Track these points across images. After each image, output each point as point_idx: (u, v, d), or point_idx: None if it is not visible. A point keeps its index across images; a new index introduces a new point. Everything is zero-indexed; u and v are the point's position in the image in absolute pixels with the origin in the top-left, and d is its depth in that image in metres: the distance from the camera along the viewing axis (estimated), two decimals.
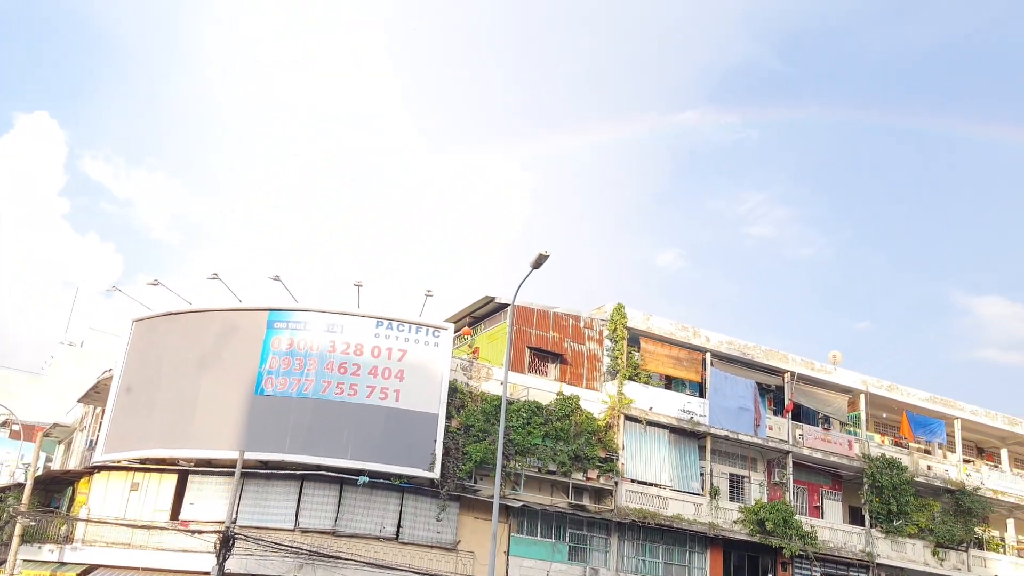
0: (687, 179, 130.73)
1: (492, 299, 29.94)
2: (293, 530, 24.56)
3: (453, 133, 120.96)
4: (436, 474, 25.06)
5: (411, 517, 25.62)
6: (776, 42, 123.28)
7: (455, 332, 27.61)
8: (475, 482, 26.02)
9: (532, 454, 26.84)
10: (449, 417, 25.92)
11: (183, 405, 25.71)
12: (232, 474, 23.28)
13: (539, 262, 22.20)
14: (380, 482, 25.15)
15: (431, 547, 25.47)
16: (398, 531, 25.35)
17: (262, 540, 23.73)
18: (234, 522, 22.57)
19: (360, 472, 24.80)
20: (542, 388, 28.22)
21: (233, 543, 22.08)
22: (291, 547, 23.99)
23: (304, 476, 25.01)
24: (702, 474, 30.43)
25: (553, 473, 27.14)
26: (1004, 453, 40.49)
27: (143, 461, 25.79)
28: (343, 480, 25.05)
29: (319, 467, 24.77)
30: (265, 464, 24.84)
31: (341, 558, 24.26)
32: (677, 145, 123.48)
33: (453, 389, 26.40)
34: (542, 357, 29.59)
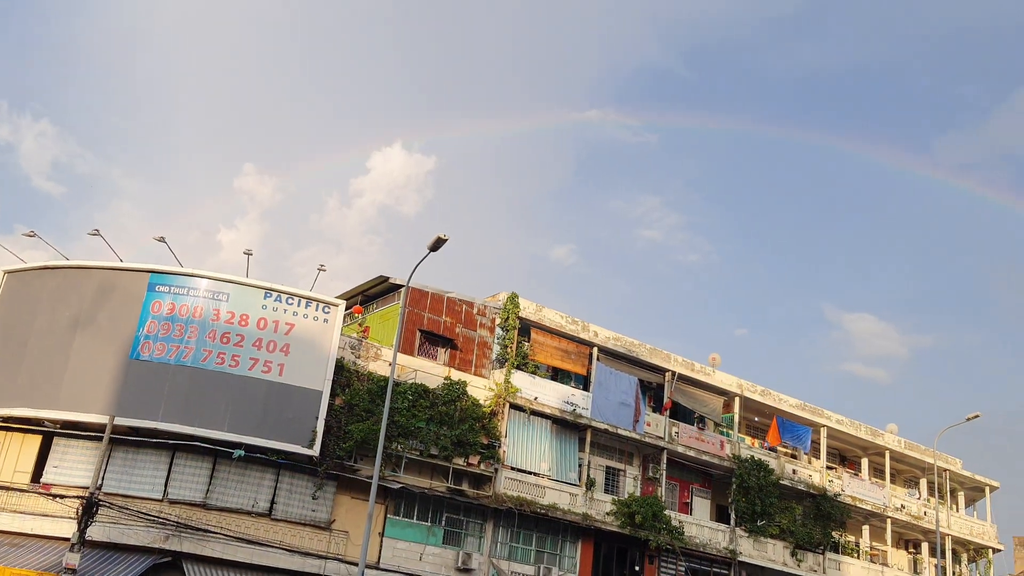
0: (587, 177, 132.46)
1: (386, 279, 29.68)
2: (161, 500, 23.84)
3: (353, 111, 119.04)
4: (316, 452, 24.70)
5: (286, 494, 25.20)
6: (684, 49, 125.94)
7: (346, 309, 27.25)
8: (355, 462, 25.77)
9: (415, 437, 26.75)
10: (333, 395, 25.58)
11: (53, 364, 24.57)
12: (100, 439, 22.38)
13: (437, 245, 22.11)
14: (256, 456, 24.63)
15: (304, 525, 25.13)
16: (271, 507, 24.90)
17: (127, 509, 22.97)
18: (99, 488, 21.71)
19: (236, 445, 24.23)
20: (430, 372, 28.16)
21: (96, 510, 21.26)
22: (158, 517, 23.28)
23: (177, 446, 24.26)
24: (580, 465, 30.97)
25: (435, 457, 27.14)
26: (864, 462, 42.65)
27: (6, 420, 24.54)
28: (218, 452, 24.43)
29: (193, 437, 24.07)
30: (136, 431, 23.96)
31: (210, 531, 23.69)
32: (580, 142, 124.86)
33: (340, 367, 26.06)
34: (433, 341, 29.50)
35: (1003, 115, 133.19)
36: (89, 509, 21.01)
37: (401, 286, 28.53)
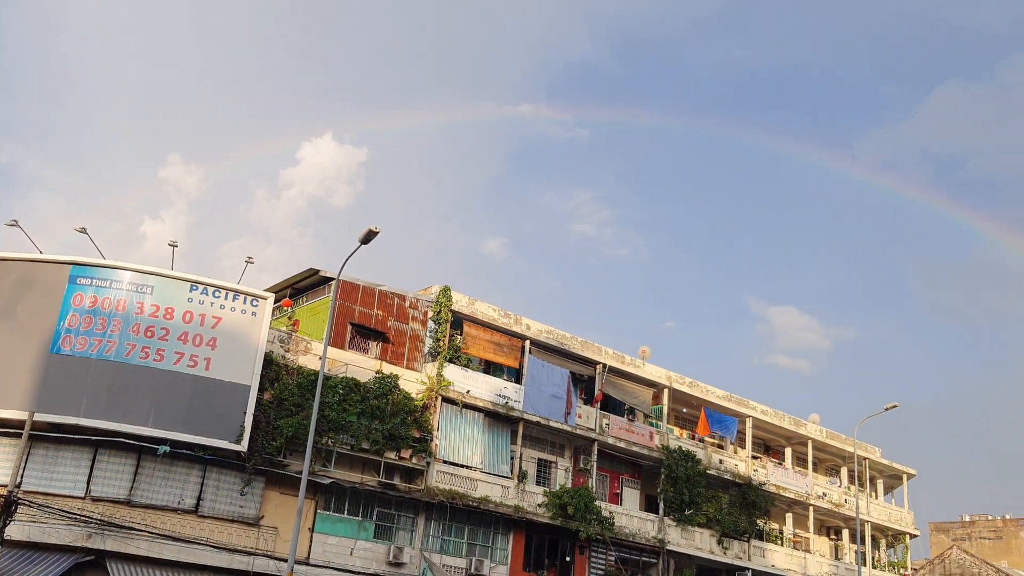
0: (520, 171, 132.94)
1: (316, 272, 29.37)
2: (84, 498, 23.23)
3: (283, 101, 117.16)
4: (244, 447, 24.34)
5: (213, 490, 24.79)
6: (615, 44, 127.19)
7: (275, 303, 26.89)
8: (284, 457, 25.48)
9: (346, 431, 26.57)
10: (262, 389, 25.22)
11: None
12: (19, 435, 21.67)
13: (368, 238, 21.97)
14: (183, 453, 24.17)
15: (233, 521, 24.75)
16: (198, 504, 24.47)
17: (48, 507, 22.33)
18: (18, 487, 21.04)
19: (162, 441, 23.74)
20: (362, 365, 27.98)
21: (16, 509, 20.61)
22: (80, 515, 22.69)
23: (99, 442, 23.65)
24: (512, 458, 31.14)
25: (366, 451, 26.99)
26: (788, 452, 43.78)
27: None
28: (142, 448, 23.90)
29: (117, 434, 23.49)
30: (57, 427, 23.30)
31: (134, 529, 23.18)
32: (512, 136, 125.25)
33: (268, 361, 25.71)
34: (364, 334, 29.31)
35: (922, 115, 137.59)
36: (8, 508, 20.35)
37: (332, 279, 28.25)
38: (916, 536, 48.70)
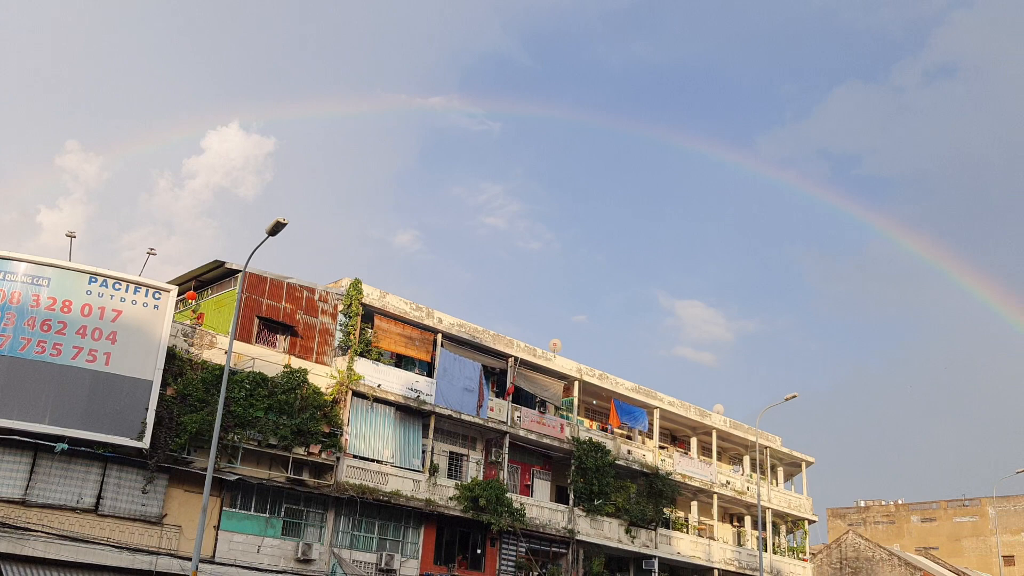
0: (431, 163, 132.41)
1: (222, 264, 28.71)
2: None
3: (186, 88, 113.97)
4: (146, 444, 23.67)
5: (114, 488, 24.04)
6: (526, 38, 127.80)
7: (179, 295, 26.21)
8: (188, 454, 24.88)
9: (253, 427, 26.10)
10: (165, 385, 24.56)
11: None
12: None
13: (276, 229, 21.63)
14: (81, 450, 23.36)
15: (134, 520, 24.07)
16: (98, 503, 23.70)
17: None
18: None
19: (59, 438, 22.90)
20: (269, 360, 27.50)
21: None
22: None
23: None
24: (424, 452, 31.10)
25: (274, 447, 26.56)
26: (694, 441, 44.88)
27: None
28: (38, 446, 23.00)
29: (11, 431, 22.55)
30: None
31: (30, 529, 22.31)
32: (423, 128, 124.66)
33: (172, 355, 25.05)
34: (272, 328, 28.82)
35: (821, 114, 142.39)
36: None
37: (238, 271, 27.65)
38: (814, 522, 50.56)
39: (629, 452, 38.64)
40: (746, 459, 47.70)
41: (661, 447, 41.38)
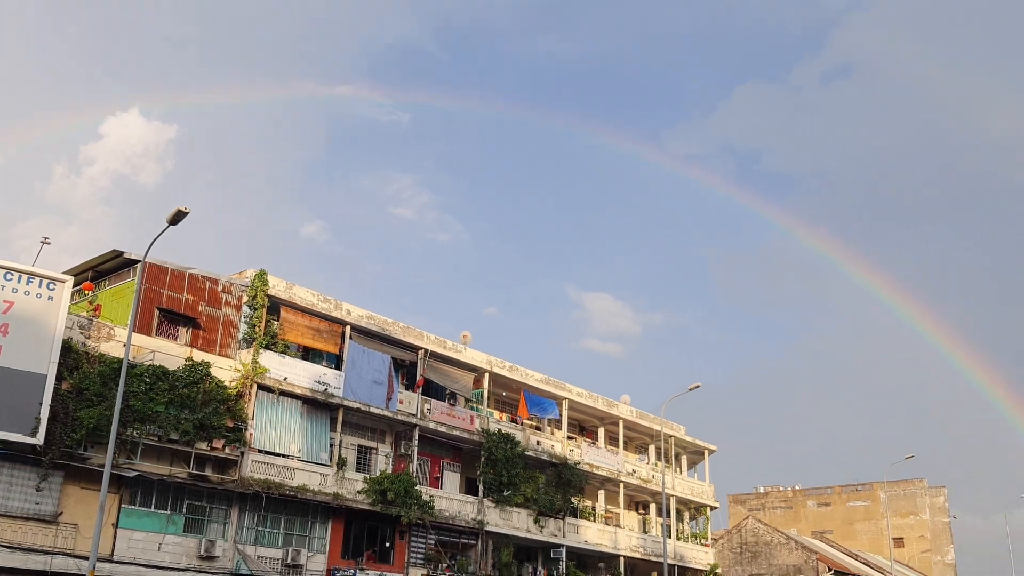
0: (339, 153, 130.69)
1: (120, 253, 27.75)
2: None
3: (82, 72, 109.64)
4: (40, 440, 22.74)
5: (5, 486, 23.04)
6: (437, 28, 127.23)
7: (75, 286, 25.24)
8: (85, 450, 24.00)
9: (153, 422, 25.36)
10: (60, 379, 23.63)
11: None
12: None
13: (177, 218, 21.04)
14: None
15: (27, 519, 23.11)
16: None
17: None
18: None
19: None
20: (170, 352, 26.76)
21: None
22: None
23: None
24: (332, 445, 30.74)
25: (175, 442, 25.86)
26: (601, 432, 45.57)
27: None
28: None
29: None
30: None
31: None
32: (332, 117, 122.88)
33: (67, 348, 24.11)
34: (173, 320, 28.03)
35: (725, 111, 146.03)
36: None
37: (137, 261, 26.74)
38: (716, 508, 52.03)
39: (538, 443, 38.99)
40: (651, 448, 48.70)
41: (570, 437, 41.88)
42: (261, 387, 28.71)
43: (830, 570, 59.87)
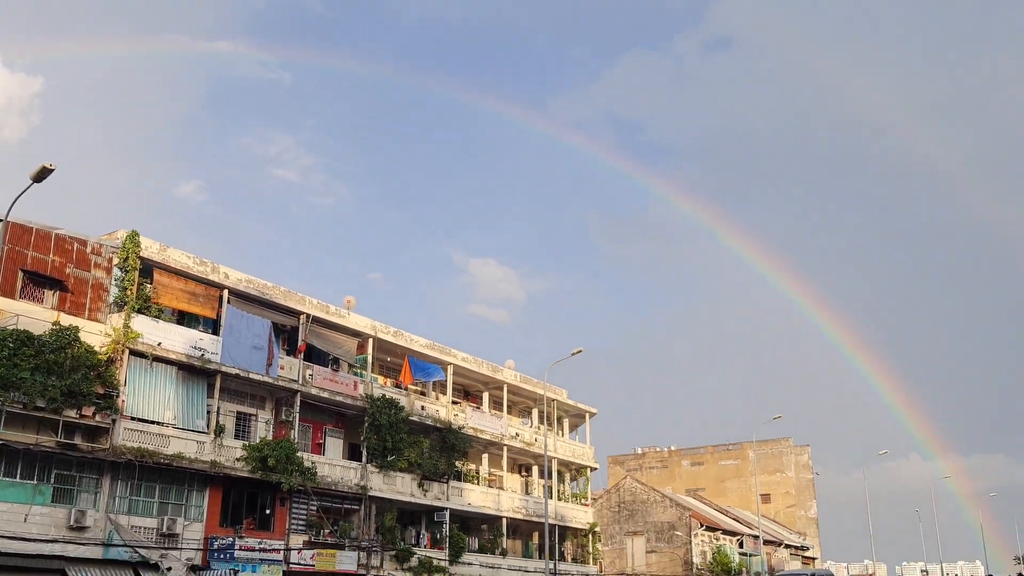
0: (217, 111, 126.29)
1: None
2: None
3: None
4: None
5: None
6: None
7: None
8: None
9: (18, 388, 24.15)
10: None
11: None
12: None
13: (41, 175, 19.96)
14: None
15: None
16: None
17: None
18: None
19: None
20: (36, 317, 25.47)
21: None
22: None
23: None
24: (209, 412, 29.99)
25: (42, 410, 24.70)
26: (486, 396, 46.03)
27: None
28: None
29: None
30: None
31: None
32: (209, 74, 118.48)
33: None
34: (39, 282, 26.65)
35: (610, 78, 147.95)
36: None
37: None
38: (596, 469, 53.43)
39: (423, 408, 39.07)
40: (535, 412, 49.51)
41: (454, 402, 42.13)
42: (133, 352, 27.68)
43: (702, 526, 62.54)
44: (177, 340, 29.16)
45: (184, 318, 30.62)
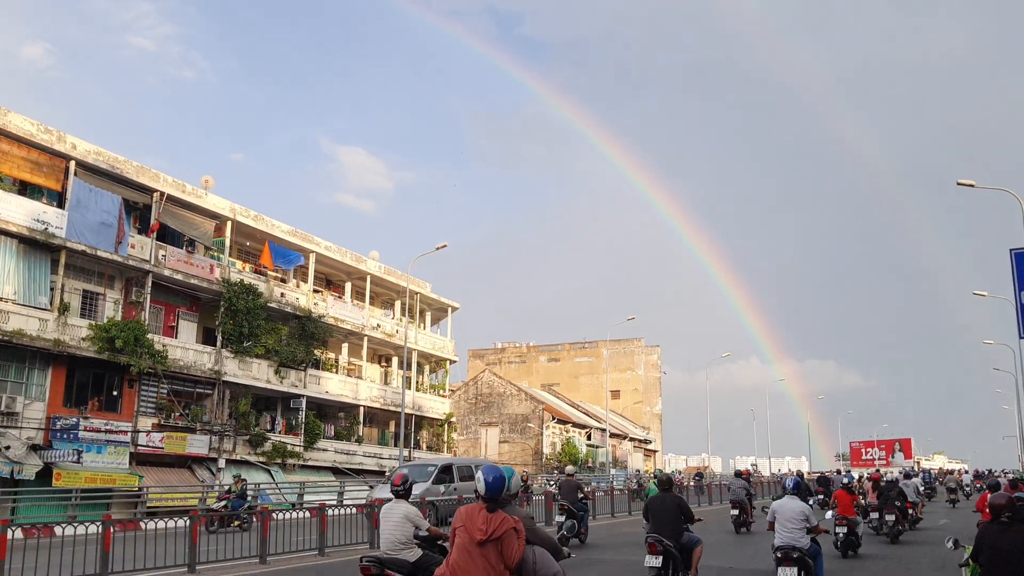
0: None
1: None
2: None
3: None
4: None
5: None
6: None
7: None
8: None
9: None
10: None
11: None
12: None
13: None
14: None
15: None
16: None
17: None
18: None
19: None
20: None
21: None
22: None
23: None
24: (53, 289, 28.56)
25: None
26: (348, 286, 45.67)
27: None
28: None
29: None
30: None
31: None
32: None
33: None
34: None
35: None
36: None
37: None
38: (455, 362, 54.37)
39: (283, 295, 38.43)
40: (397, 304, 49.58)
41: (316, 291, 41.62)
42: None
43: (553, 418, 65.05)
44: (18, 211, 27.39)
45: (26, 189, 28.71)
